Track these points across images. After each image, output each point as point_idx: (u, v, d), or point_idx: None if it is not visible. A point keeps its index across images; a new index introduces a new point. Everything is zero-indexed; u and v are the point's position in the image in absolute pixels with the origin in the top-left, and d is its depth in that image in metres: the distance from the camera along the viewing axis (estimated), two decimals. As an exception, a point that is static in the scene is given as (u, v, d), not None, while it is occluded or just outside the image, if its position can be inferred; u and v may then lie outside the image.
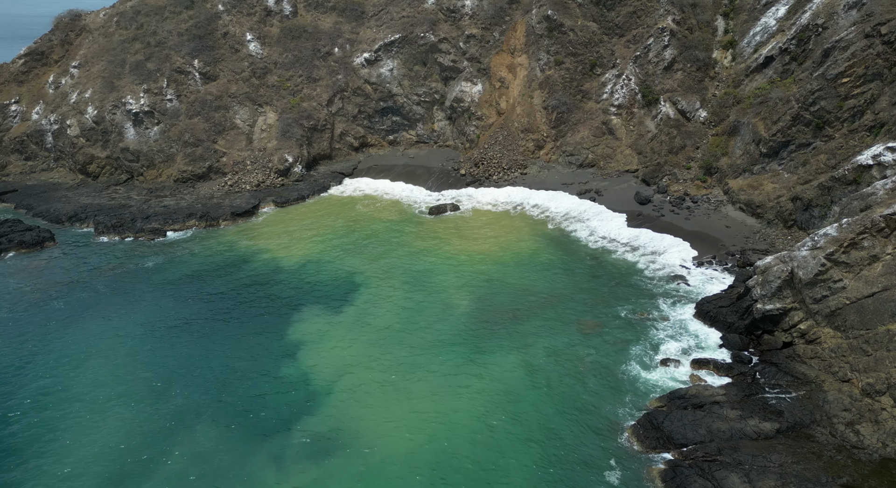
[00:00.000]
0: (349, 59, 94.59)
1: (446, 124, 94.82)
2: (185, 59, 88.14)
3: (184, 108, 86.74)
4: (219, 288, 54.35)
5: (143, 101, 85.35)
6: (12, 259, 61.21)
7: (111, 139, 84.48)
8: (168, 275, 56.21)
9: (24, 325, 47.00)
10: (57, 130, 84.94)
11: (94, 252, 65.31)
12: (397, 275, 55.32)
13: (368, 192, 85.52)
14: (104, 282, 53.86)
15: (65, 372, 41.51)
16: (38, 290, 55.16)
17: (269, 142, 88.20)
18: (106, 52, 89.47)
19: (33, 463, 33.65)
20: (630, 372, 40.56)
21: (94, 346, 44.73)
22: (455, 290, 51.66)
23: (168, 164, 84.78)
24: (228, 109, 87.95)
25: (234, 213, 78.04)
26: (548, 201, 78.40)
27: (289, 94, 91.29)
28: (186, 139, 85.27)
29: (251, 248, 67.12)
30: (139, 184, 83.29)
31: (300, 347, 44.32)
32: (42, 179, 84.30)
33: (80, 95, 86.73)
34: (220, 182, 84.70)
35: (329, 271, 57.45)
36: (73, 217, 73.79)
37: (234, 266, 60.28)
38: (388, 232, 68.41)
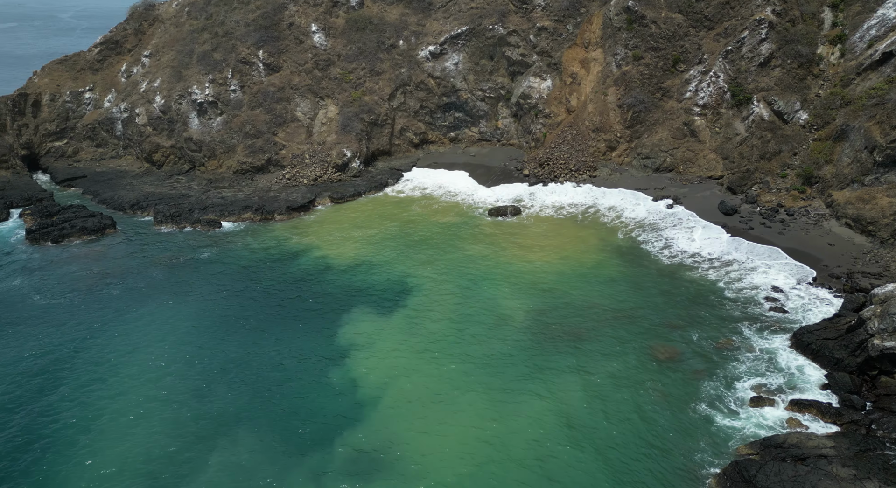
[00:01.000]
0: (413, 52, 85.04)
1: (511, 121, 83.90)
2: (251, 49, 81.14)
3: (246, 99, 79.87)
4: (269, 283, 49.71)
5: (207, 91, 79.07)
6: (75, 245, 58.02)
7: (176, 129, 78.71)
8: (221, 267, 51.99)
9: (81, 311, 44.50)
10: (126, 118, 79.93)
11: (153, 241, 60.51)
12: (451, 280, 49.38)
13: (426, 191, 76.47)
14: (160, 271, 50.73)
15: (112, 364, 38.42)
16: (96, 277, 51.29)
17: (329, 135, 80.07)
18: (176, 42, 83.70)
19: (68, 461, 31.07)
20: (710, 409, 33.94)
21: (144, 337, 41.58)
22: (511, 300, 45.89)
23: (228, 155, 78.20)
24: (290, 101, 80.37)
25: (290, 208, 70.57)
26: (618, 208, 66.52)
27: (351, 87, 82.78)
28: (247, 130, 78.40)
29: (303, 244, 60.40)
30: (200, 175, 77.17)
31: (349, 351, 40.28)
32: (110, 166, 79.61)
33: (149, 84, 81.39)
34: (278, 175, 77.48)
35: (381, 272, 51.36)
36: (135, 205, 68.40)
37: (286, 261, 55.23)
38: (444, 234, 61.95)
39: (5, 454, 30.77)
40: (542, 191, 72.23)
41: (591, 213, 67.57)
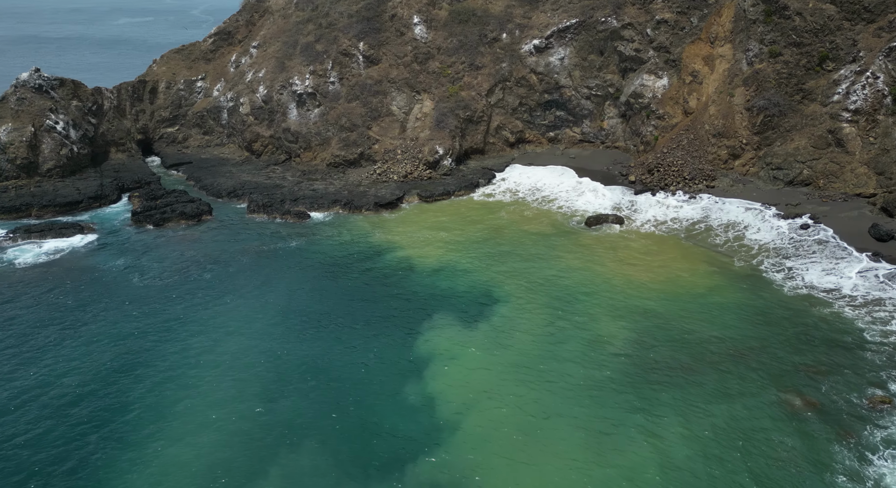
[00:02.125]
0: (516, 45, 74.12)
1: (618, 122, 71.00)
2: (352, 41, 73.96)
3: (344, 92, 72.92)
4: (352, 281, 45.08)
5: (307, 82, 72.98)
6: (173, 228, 55.95)
7: (276, 119, 73.36)
8: (306, 260, 48.20)
9: (172, 297, 42.32)
10: (231, 107, 75.74)
11: (245, 229, 56.21)
12: (541, 293, 42.65)
13: (518, 194, 66.08)
14: (249, 260, 47.70)
15: (192, 356, 35.46)
16: (190, 262, 48.18)
17: (423, 131, 71.38)
18: (282, 33, 78.34)
19: (127, 454, 28.27)
20: (851, 485, 25.02)
21: (226, 329, 38.23)
22: (608, 322, 38.76)
23: (323, 148, 71.76)
24: (386, 95, 72.45)
25: (378, 204, 62.94)
26: (738, 224, 52.95)
27: (448, 82, 73.42)
28: (343, 123, 71.48)
29: (387, 242, 53.63)
30: (295, 166, 71.40)
31: (428, 364, 35.01)
32: (214, 154, 75.91)
33: (254, 75, 76.65)
34: (370, 169, 70.02)
35: (466, 279, 45.07)
36: (232, 193, 63.64)
37: (370, 259, 50.01)
38: (536, 241, 52.76)
39: (68, 440, 28.45)
40: (649, 201, 59.36)
41: (705, 228, 54.46)
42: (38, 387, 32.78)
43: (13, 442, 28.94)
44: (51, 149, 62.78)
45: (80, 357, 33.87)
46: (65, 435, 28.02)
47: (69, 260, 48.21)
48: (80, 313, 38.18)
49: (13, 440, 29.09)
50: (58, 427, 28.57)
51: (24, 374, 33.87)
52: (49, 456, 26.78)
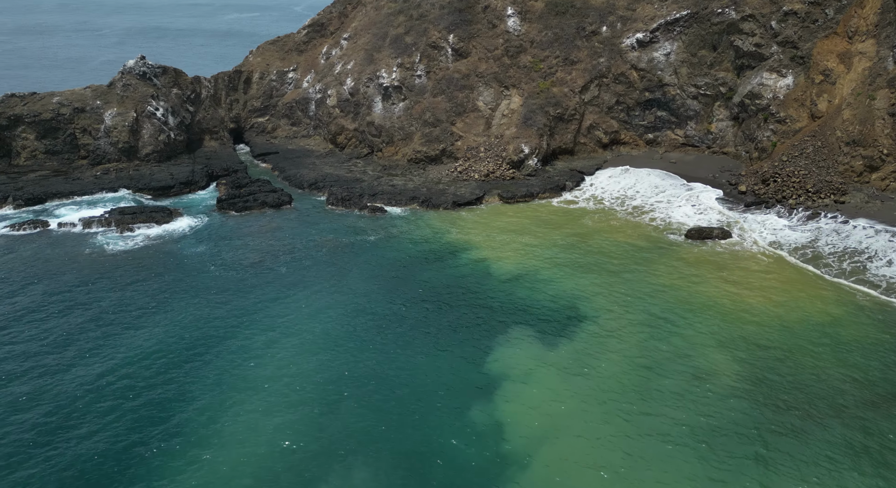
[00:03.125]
0: (617, 39, 68.16)
1: (729, 125, 63.29)
2: (442, 33, 71.35)
3: (430, 86, 70.50)
4: (424, 282, 42.24)
5: (394, 75, 71.31)
6: (255, 217, 55.94)
7: (361, 112, 72.38)
8: (380, 256, 45.97)
9: (245, 288, 40.83)
10: (319, 99, 75.78)
11: (322, 221, 55.71)
12: (633, 313, 38.01)
13: (609, 199, 60.92)
14: (324, 253, 46.24)
15: (255, 354, 33.93)
16: (267, 252, 47.62)
17: (508, 128, 67.43)
18: (373, 25, 77.27)
19: (174, 455, 26.83)
20: None
21: (293, 326, 36.57)
22: (715, 352, 33.79)
23: (405, 143, 69.80)
24: (473, 90, 69.19)
25: (456, 203, 60.36)
26: (871, 250, 44.81)
27: (539, 77, 68.92)
28: (426, 118, 69.10)
29: (464, 243, 50.69)
30: (376, 160, 70.05)
31: (500, 383, 31.49)
32: (300, 145, 76.34)
33: (343, 67, 76.18)
34: (450, 167, 67.17)
35: (547, 290, 41.22)
36: (313, 184, 63.57)
37: (445, 259, 47.21)
38: (628, 253, 47.88)
39: (117, 438, 27.00)
40: (763, 215, 51.72)
41: (830, 250, 47.35)
42: (100, 376, 30.50)
43: (67, 433, 27.67)
44: (150, 134, 64.94)
45: (148, 347, 33.09)
46: (115, 432, 26.97)
47: (155, 245, 49.02)
48: (157, 301, 37.78)
49: (66, 430, 27.64)
50: (111, 419, 27.80)
51: (90, 361, 31.76)
52: (93, 450, 26.13)
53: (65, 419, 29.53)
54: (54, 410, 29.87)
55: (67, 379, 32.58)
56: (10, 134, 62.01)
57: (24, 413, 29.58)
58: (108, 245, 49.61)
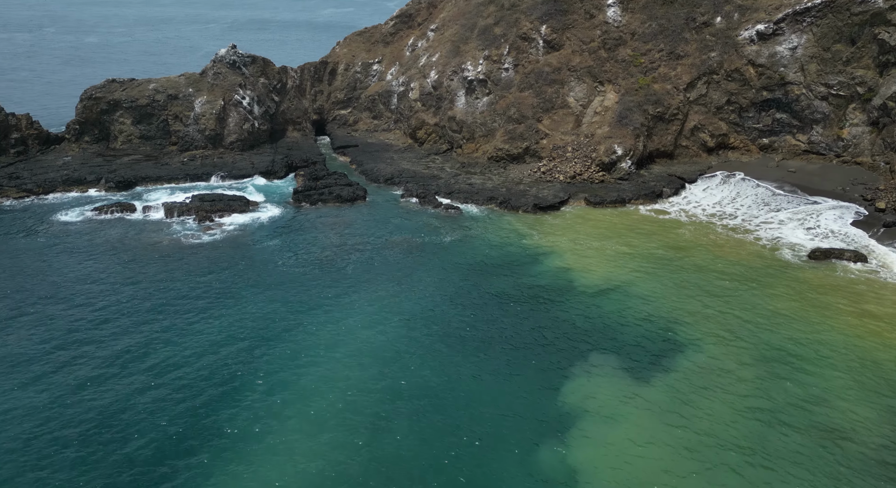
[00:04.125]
0: (733, 31, 60.36)
1: (865, 131, 53.94)
2: (534, 24, 66.80)
3: (517, 79, 66.17)
4: (497, 291, 38.19)
5: (480, 68, 67.66)
6: (328, 211, 54.81)
7: (443, 106, 69.40)
8: (452, 259, 42.43)
9: (308, 287, 38.54)
10: (401, 92, 73.68)
11: (395, 217, 53.52)
12: (746, 345, 32.30)
13: (712, 210, 54.46)
14: (393, 253, 43.51)
15: (308, 357, 31.28)
16: (336, 248, 45.68)
17: (600, 127, 61.65)
18: (462, 16, 74.05)
19: (212, 469, 23.98)
20: None
21: (353, 330, 33.64)
22: (854, 404, 27.09)
23: (487, 140, 65.95)
24: (564, 85, 64.04)
25: (538, 206, 56.20)
26: None
27: (639, 73, 62.52)
28: (511, 114, 64.87)
29: (545, 248, 46.50)
30: (455, 157, 66.83)
31: (576, 419, 26.64)
32: (380, 139, 74.68)
33: (427, 59, 73.55)
34: (533, 166, 62.57)
35: (639, 308, 36.16)
36: (389, 179, 61.91)
37: (524, 266, 43.22)
38: (737, 272, 41.57)
39: (161, 437, 25.35)
40: None
41: None
42: (150, 371, 29.36)
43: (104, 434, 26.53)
44: (235, 122, 65.24)
45: (201, 345, 31.61)
46: (158, 430, 25.48)
47: (229, 236, 48.33)
48: (223, 294, 36.70)
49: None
50: (153, 417, 26.39)
51: (151, 352, 30.75)
52: (132, 452, 24.46)
53: (113, 409, 28.82)
54: (113, 399, 29.38)
55: (125, 366, 32.26)
56: (109, 118, 64.29)
57: (87, 399, 29.35)
58: (186, 233, 49.81)
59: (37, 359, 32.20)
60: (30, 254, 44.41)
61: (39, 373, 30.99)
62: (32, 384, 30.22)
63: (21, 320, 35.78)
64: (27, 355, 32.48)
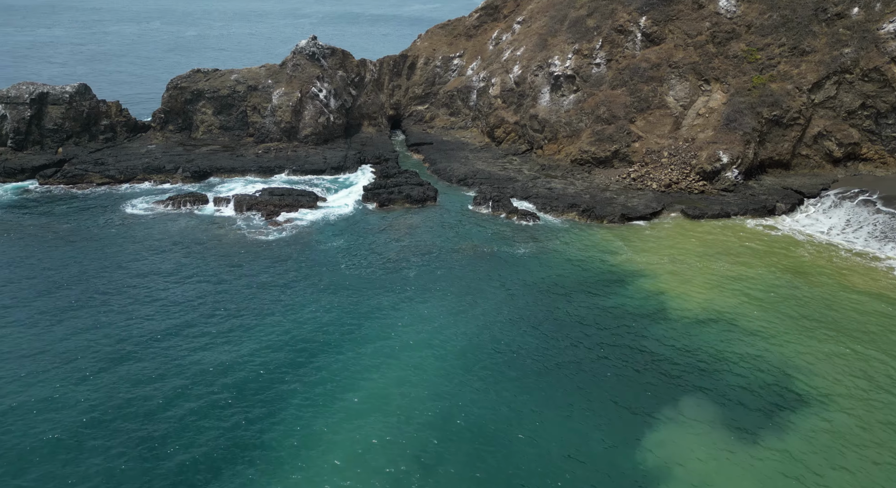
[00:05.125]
0: (873, 24, 51.41)
1: None
2: (632, 15, 60.64)
3: (609, 76, 60.34)
4: (576, 313, 34.22)
5: (568, 63, 62.43)
6: (396, 211, 52.46)
7: (524, 104, 64.86)
8: (524, 274, 38.63)
9: (369, 292, 36.52)
10: (482, 88, 69.88)
11: (466, 222, 50.09)
12: (887, 401, 26.13)
13: (838, 232, 46.78)
14: (459, 261, 40.19)
15: (361, 368, 29.12)
16: (400, 252, 42.99)
17: (703, 131, 54.59)
18: (551, 6, 69.12)
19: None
20: None
21: (407, 346, 30.54)
22: None
23: (571, 140, 60.64)
24: (662, 82, 57.46)
25: (626, 216, 51.00)
26: None
27: (754, 70, 54.81)
28: (600, 113, 59.17)
29: (633, 267, 41.25)
30: (535, 159, 62.15)
31: (661, 481, 21.98)
32: (455, 136, 71.28)
33: (511, 53, 69.23)
34: (622, 172, 56.63)
35: (746, 349, 30.61)
36: (462, 180, 58.60)
37: (608, 286, 38.40)
38: (875, 311, 34.63)
39: (206, 440, 24.16)
40: None
41: None
42: (199, 374, 28.63)
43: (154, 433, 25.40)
44: (311, 115, 63.95)
45: (253, 350, 30.09)
46: (205, 434, 24.27)
47: (294, 233, 46.89)
48: (282, 295, 35.27)
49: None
50: (202, 420, 25.40)
51: (199, 353, 29.85)
52: (177, 459, 23.20)
53: (155, 411, 27.46)
54: (171, 394, 28.21)
55: (176, 362, 31.11)
56: (192, 107, 64.90)
57: (145, 392, 28.45)
58: (252, 229, 48.78)
59: (84, 355, 31.57)
60: (98, 243, 44.68)
61: (89, 370, 30.29)
62: (81, 382, 29.48)
63: (75, 314, 35.52)
64: (75, 351, 31.89)
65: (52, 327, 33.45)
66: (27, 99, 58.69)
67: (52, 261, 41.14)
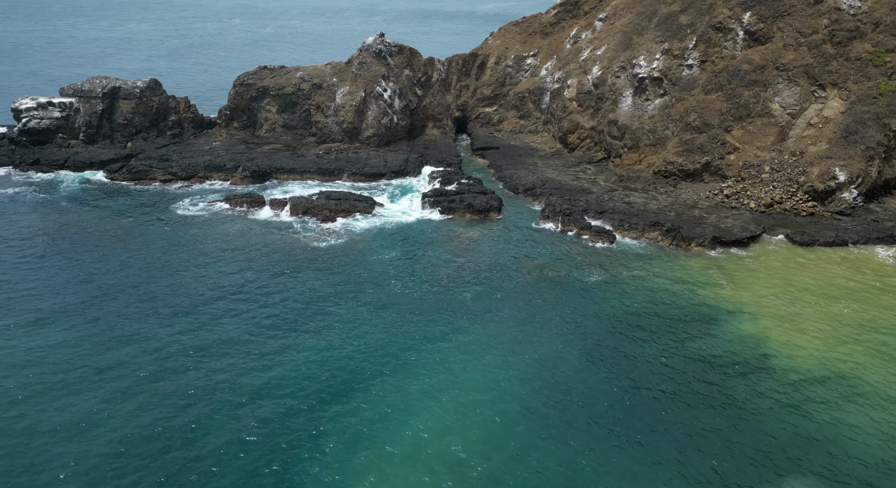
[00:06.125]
0: None
1: None
2: (734, 10, 53.62)
3: (703, 79, 53.59)
4: (654, 355, 29.73)
5: (655, 63, 56.17)
6: (456, 222, 48.63)
7: (603, 108, 59.11)
8: (596, 307, 34.16)
9: (418, 315, 33.45)
10: (556, 90, 64.65)
11: (533, 239, 45.53)
12: None
13: None
14: (524, 285, 36.09)
15: (404, 404, 26.27)
16: (457, 270, 39.04)
17: (815, 144, 46.99)
18: (639, 2, 63.00)
19: None
20: None
21: (457, 386, 27.10)
22: None
23: (654, 150, 54.38)
24: (767, 87, 50.19)
25: (718, 240, 44.75)
26: None
27: (881, 75, 46.61)
28: (690, 120, 52.58)
29: (729, 304, 35.32)
30: (612, 168, 56.41)
31: None
32: (524, 141, 66.45)
33: (591, 52, 63.53)
34: (713, 187, 49.97)
35: (875, 422, 24.77)
36: (529, 190, 54.21)
37: (696, 325, 32.77)
38: None
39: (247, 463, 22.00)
40: None
41: None
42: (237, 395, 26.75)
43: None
44: (374, 116, 61.04)
45: (290, 369, 28.02)
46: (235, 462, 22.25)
47: (349, 241, 42.94)
48: (330, 309, 33.41)
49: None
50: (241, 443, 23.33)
51: (232, 372, 28.08)
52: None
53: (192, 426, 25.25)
54: (198, 419, 26.08)
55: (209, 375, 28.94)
56: (257, 105, 63.66)
57: (169, 417, 26.38)
58: (306, 234, 46.65)
59: (119, 369, 30.04)
60: (150, 246, 43.38)
61: (120, 389, 28.58)
62: (115, 400, 27.86)
63: (115, 322, 34.28)
64: (111, 365, 30.48)
65: (90, 338, 32.31)
66: (100, 93, 59.08)
67: (102, 264, 40.48)
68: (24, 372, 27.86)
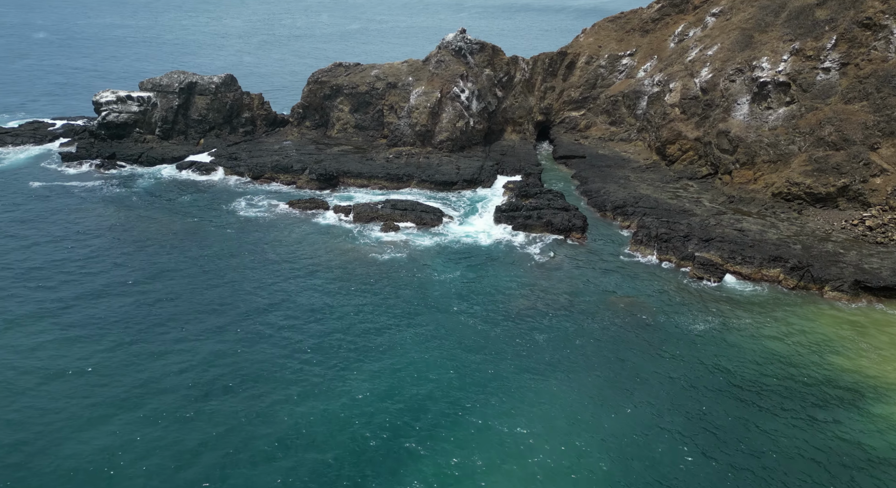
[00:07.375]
0: None
1: None
2: (888, 4, 43.37)
3: (843, 85, 43.88)
4: (789, 439, 24.03)
5: (782, 66, 47.01)
6: (533, 240, 43.39)
7: (712, 116, 50.50)
8: (704, 361, 28.85)
9: (486, 355, 29.28)
10: (655, 94, 56.41)
11: (621, 271, 38.20)
12: None
13: None
14: (611, 330, 30.98)
15: (468, 474, 22.05)
16: (532, 303, 34.06)
17: None
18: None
19: None
20: None
21: (524, 455, 23.08)
22: None
23: (775, 167, 45.38)
24: None
25: (862, 285, 36.42)
26: None
27: None
28: (824, 134, 43.11)
29: (876, 378, 28.39)
30: (719, 186, 47.96)
31: None
32: (615, 150, 58.73)
33: (700, 52, 54.79)
34: (852, 216, 40.65)
35: None
36: (619, 208, 47.42)
37: (831, 401, 26.56)
38: None
39: None
40: None
41: None
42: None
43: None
44: (449, 119, 55.51)
45: (329, 409, 25.01)
46: None
47: (410, 257, 39.66)
48: (380, 338, 30.19)
49: None
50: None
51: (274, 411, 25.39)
52: None
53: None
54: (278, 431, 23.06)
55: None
56: (330, 103, 60.08)
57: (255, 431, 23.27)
58: (367, 245, 42.87)
59: (169, 384, 27.29)
60: (210, 248, 41.37)
61: (167, 410, 25.72)
62: (153, 422, 24.88)
63: (168, 335, 31.77)
64: (161, 381, 27.84)
65: (145, 357, 29.58)
66: (177, 88, 57.55)
67: (161, 264, 38.59)
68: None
